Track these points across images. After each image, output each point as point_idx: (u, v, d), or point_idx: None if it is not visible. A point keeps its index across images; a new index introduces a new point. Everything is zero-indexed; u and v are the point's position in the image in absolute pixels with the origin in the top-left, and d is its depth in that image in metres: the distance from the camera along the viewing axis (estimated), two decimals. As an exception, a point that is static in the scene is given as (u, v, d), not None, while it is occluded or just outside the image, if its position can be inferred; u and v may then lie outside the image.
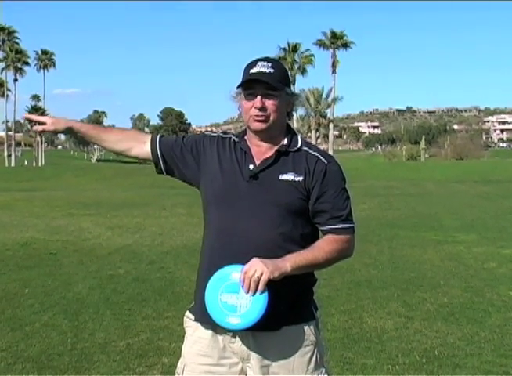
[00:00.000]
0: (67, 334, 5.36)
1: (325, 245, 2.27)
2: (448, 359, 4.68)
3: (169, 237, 11.22)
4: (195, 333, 2.34)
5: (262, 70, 2.24)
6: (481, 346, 4.98)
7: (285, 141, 2.33)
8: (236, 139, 2.37)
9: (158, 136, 2.46)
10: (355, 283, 7.31)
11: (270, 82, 2.23)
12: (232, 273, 2.13)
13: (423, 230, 12.04)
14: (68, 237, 11.33)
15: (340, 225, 2.28)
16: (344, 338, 5.20)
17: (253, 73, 2.25)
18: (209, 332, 2.30)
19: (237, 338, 2.26)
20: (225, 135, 2.41)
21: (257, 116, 2.25)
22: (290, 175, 2.26)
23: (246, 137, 2.37)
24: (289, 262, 2.15)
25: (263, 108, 2.24)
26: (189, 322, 2.38)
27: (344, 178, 2.35)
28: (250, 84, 2.25)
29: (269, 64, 2.27)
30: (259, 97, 2.24)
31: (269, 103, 2.25)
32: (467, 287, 7.11)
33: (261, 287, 2.09)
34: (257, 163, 2.29)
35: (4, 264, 8.72)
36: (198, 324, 2.33)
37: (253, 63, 2.29)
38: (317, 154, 2.31)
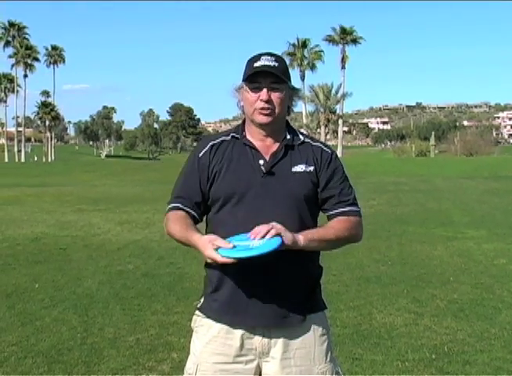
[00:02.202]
0: (77, 329, 5.39)
1: (335, 224, 2.32)
2: (458, 356, 4.67)
3: (178, 233, 11.22)
4: (209, 332, 2.31)
5: (267, 63, 2.25)
6: (491, 343, 4.96)
7: (288, 136, 2.36)
8: (236, 136, 2.36)
9: (179, 205, 2.36)
10: (365, 279, 7.30)
11: (276, 73, 2.25)
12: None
13: (433, 226, 12.00)
14: (78, 233, 11.38)
15: (347, 208, 2.35)
16: (353, 334, 5.19)
17: (258, 66, 2.25)
18: (224, 330, 2.28)
19: (257, 333, 2.26)
20: (217, 140, 2.36)
21: (262, 109, 2.26)
22: (301, 166, 2.32)
23: (245, 132, 2.37)
24: (301, 235, 2.17)
25: (269, 101, 2.25)
26: (202, 321, 2.35)
27: (344, 168, 2.45)
28: (256, 78, 2.26)
29: (273, 58, 2.28)
30: (265, 90, 2.25)
31: (275, 96, 2.26)
32: (477, 283, 7.08)
33: (271, 233, 2.08)
34: (267, 158, 2.30)
35: (14, 259, 8.77)
36: (212, 322, 2.31)
37: (256, 57, 2.29)
38: (320, 145, 2.41)
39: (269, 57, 2.28)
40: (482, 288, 6.82)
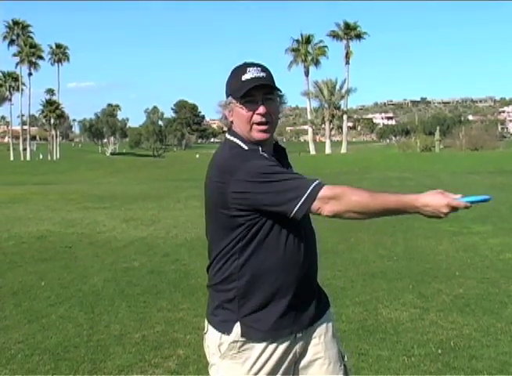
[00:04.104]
0: (83, 326, 5.40)
1: None
2: (465, 351, 4.66)
3: (183, 230, 11.24)
4: (263, 355, 2.24)
5: (257, 75, 2.20)
6: (497, 337, 4.95)
7: (273, 142, 2.37)
8: (260, 149, 2.25)
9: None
10: (370, 275, 7.29)
11: (273, 85, 2.22)
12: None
13: (438, 221, 11.84)
14: (83, 230, 11.40)
15: None
16: (359, 330, 5.19)
17: (249, 79, 2.20)
18: (273, 346, 2.25)
19: (299, 336, 2.30)
20: (254, 147, 2.26)
21: (260, 124, 2.21)
22: (293, 171, 2.39)
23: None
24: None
25: (266, 114, 2.21)
26: (245, 346, 2.25)
27: None
28: (250, 92, 2.19)
29: (259, 68, 2.23)
30: (261, 103, 2.21)
31: (270, 108, 2.22)
32: (483, 278, 7.06)
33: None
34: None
35: (20, 257, 8.79)
36: (257, 344, 2.23)
37: (242, 70, 2.23)
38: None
39: (256, 68, 2.23)
40: (488, 283, 6.81)
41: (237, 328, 2.23)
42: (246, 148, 2.24)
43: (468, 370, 4.29)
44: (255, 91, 2.19)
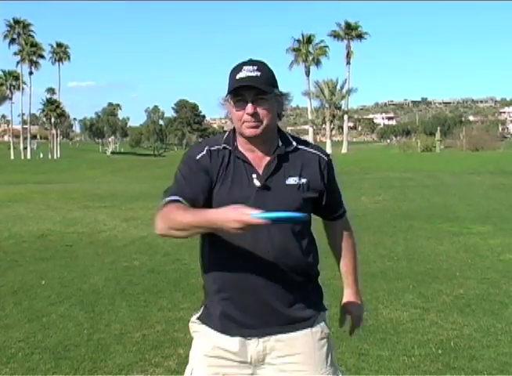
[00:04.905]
0: (84, 325, 5.41)
1: (345, 249, 2.68)
2: (465, 351, 4.66)
3: (184, 229, 11.23)
4: (204, 338, 2.29)
5: (249, 74, 2.17)
6: (497, 338, 4.95)
7: (280, 143, 2.28)
8: (228, 147, 2.26)
9: (177, 197, 2.19)
10: (370, 275, 7.29)
11: (259, 87, 2.17)
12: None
13: (439, 222, 11.96)
14: (84, 229, 11.41)
15: (343, 209, 2.54)
16: (359, 330, 5.17)
17: (239, 78, 2.17)
18: (220, 337, 2.25)
19: (253, 340, 2.23)
20: (213, 147, 2.26)
21: (249, 122, 2.19)
22: (295, 179, 2.24)
23: (237, 143, 2.28)
24: (355, 292, 2.74)
25: (255, 114, 2.18)
26: (197, 327, 2.34)
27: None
28: (239, 91, 2.18)
29: (255, 67, 2.19)
30: (250, 103, 2.17)
31: (261, 108, 2.18)
32: (483, 278, 7.06)
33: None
34: (260, 170, 2.23)
35: (20, 256, 8.80)
36: (208, 329, 2.28)
37: (238, 68, 2.21)
38: (316, 152, 2.33)
39: (251, 67, 2.19)
40: (488, 283, 6.81)
41: (200, 311, 2.35)
42: (211, 143, 2.29)
43: (468, 371, 4.29)
44: (244, 90, 2.17)
